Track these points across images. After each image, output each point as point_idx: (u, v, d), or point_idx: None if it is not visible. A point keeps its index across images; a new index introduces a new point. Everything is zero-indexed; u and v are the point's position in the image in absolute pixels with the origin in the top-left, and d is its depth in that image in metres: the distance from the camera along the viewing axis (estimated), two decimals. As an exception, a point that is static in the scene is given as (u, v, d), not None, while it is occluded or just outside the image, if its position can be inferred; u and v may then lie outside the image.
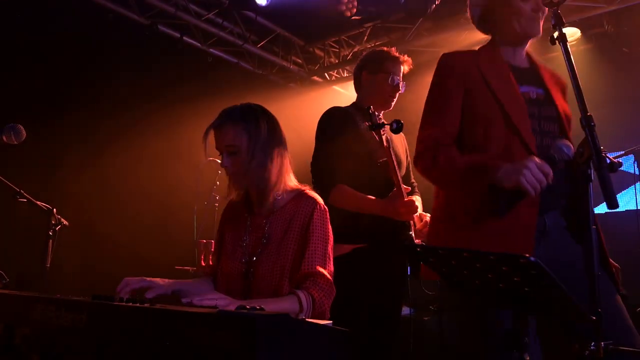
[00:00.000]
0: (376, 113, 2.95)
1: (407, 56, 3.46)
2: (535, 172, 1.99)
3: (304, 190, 2.44)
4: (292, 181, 2.44)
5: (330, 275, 2.30)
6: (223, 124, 2.34)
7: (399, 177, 3.00)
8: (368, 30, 6.98)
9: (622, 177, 5.85)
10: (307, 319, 1.72)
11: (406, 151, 3.54)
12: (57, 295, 1.86)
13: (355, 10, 5.87)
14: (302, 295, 2.19)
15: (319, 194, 2.45)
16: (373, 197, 3.09)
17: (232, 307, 1.90)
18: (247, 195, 2.48)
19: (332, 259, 2.35)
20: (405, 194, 3.05)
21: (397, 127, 2.84)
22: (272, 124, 2.42)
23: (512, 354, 1.64)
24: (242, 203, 2.50)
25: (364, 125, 2.96)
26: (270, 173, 2.36)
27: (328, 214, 2.41)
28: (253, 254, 2.37)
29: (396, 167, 2.98)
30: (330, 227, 2.39)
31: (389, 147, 2.90)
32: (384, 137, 2.90)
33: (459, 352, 2.29)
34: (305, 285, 2.24)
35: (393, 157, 2.97)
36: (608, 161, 1.71)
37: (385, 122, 2.92)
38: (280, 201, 2.40)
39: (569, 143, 2.02)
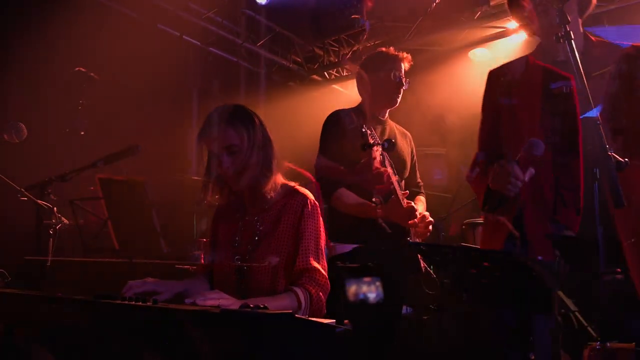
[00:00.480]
0: (369, 132, 3.00)
1: (407, 53, 3.48)
2: (499, 175, 2.13)
3: (294, 186, 2.45)
4: (281, 179, 2.45)
5: (325, 269, 2.33)
6: (219, 125, 2.35)
7: (396, 186, 3.06)
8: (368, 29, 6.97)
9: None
10: (310, 318, 1.72)
11: (412, 151, 3.55)
12: (58, 294, 1.85)
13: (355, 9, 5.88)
14: (299, 292, 2.22)
15: (322, 195, 2.47)
16: (373, 204, 3.14)
17: (235, 307, 1.91)
18: (237, 195, 2.48)
19: (324, 253, 2.37)
20: (404, 199, 3.10)
21: (388, 147, 2.93)
22: (261, 122, 2.44)
23: (516, 353, 1.64)
24: (234, 203, 2.50)
25: (366, 129, 2.99)
26: (269, 171, 2.38)
27: (319, 208, 2.42)
28: (246, 252, 2.38)
29: (392, 178, 3.04)
30: (321, 221, 2.41)
31: (383, 161, 2.96)
32: (377, 153, 2.95)
33: (463, 352, 2.30)
34: (301, 281, 2.26)
35: (390, 168, 3.03)
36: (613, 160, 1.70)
37: (378, 142, 2.98)
38: (271, 198, 2.40)
39: (536, 141, 2.09)
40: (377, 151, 2.93)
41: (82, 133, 4.59)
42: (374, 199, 3.10)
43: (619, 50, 2.43)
